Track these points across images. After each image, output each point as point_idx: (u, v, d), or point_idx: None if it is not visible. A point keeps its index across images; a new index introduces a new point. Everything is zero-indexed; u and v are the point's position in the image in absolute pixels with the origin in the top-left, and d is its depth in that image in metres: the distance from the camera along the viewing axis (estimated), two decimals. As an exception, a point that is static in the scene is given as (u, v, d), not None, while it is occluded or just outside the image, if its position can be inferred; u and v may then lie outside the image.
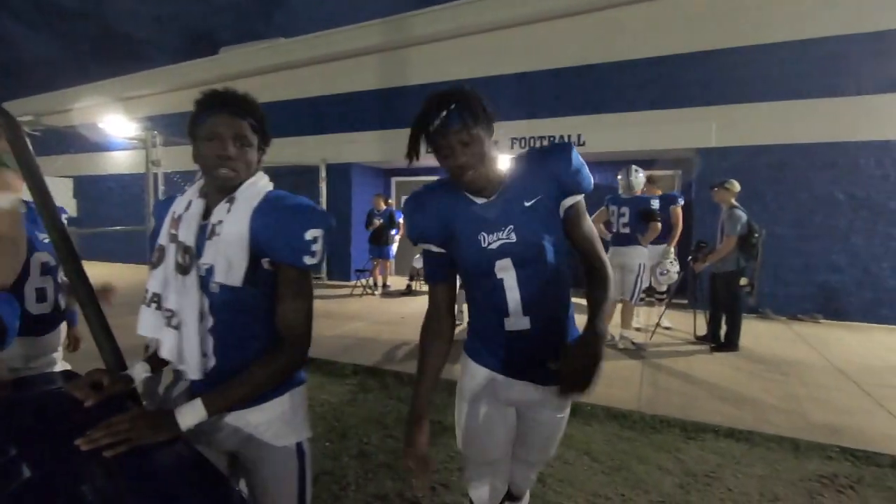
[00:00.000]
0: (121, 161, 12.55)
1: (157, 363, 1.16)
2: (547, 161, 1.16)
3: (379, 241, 8.00)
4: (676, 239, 5.41)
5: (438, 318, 1.28)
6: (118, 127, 11.36)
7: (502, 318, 1.21)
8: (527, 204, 1.15)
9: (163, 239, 1.11)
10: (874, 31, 5.97)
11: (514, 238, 1.16)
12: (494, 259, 1.17)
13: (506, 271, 1.17)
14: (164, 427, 0.92)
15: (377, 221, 7.97)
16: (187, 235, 1.06)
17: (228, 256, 1.02)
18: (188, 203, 1.11)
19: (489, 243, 1.17)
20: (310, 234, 1.02)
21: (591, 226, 1.22)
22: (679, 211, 5.45)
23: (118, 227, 6.49)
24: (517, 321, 1.20)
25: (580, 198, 1.18)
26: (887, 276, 6.05)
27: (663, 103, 6.92)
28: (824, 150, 6.25)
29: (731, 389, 3.69)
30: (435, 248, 1.25)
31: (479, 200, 1.19)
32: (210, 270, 1.03)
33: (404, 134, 1.12)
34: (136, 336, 1.13)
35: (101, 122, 10.95)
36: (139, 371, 1.13)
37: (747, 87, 6.47)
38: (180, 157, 7.14)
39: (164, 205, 1.19)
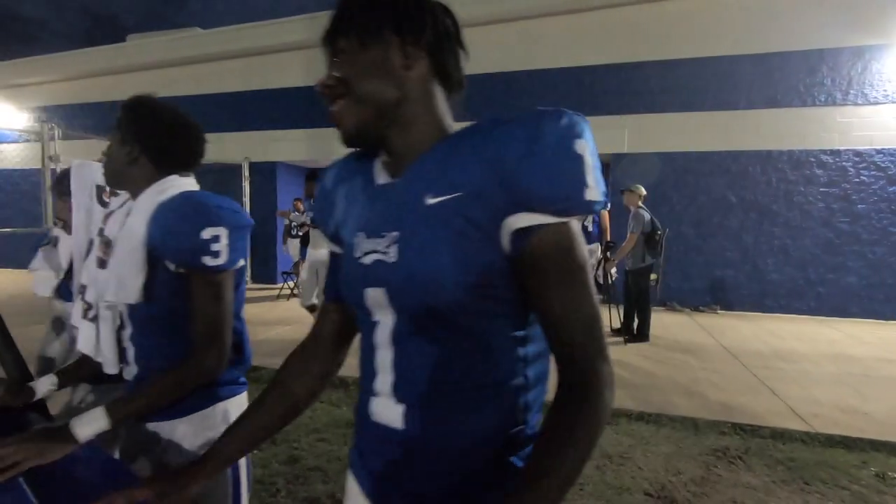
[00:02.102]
0: (9, 155, 11.26)
1: (66, 378, 1.12)
2: (496, 133, 0.59)
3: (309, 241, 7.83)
4: (607, 240, 5.95)
5: (307, 351, 0.81)
6: (5, 117, 10.20)
7: (369, 395, 0.69)
8: (430, 201, 0.61)
9: (94, 232, 1.14)
10: (759, 53, 6.73)
11: (392, 255, 0.63)
12: (364, 283, 0.66)
13: (382, 311, 0.65)
14: (56, 444, 0.88)
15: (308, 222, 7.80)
16: (113, 230, 1.06)
17: (120, 274, 0.98)
18: (124, 200, 1.12)
19: (363, 253, 0.67)
20: (207, 233, 0.96)
21: (585, 293, 0.59)
22: (606, 214, 5.99)
23: (10, 229, 5.81)
24: (385, 408, 0.66)
25: (553, 221, 0.57)
26: (771, 270, 6.85)
27: (580, 110, 7.33)
28: (719, 157, 6.95)
29: (642, 377, 4.03)
30: (329, 243, 0.80)
31: (381, 178, 0.70)
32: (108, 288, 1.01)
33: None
34: (33, 346, 1.09)
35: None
36: (44, 384, 1.08)
37: (655, 98, 7.05)
38: (82, 152, 6.56)
39: None
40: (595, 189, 0.58)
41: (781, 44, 6.65)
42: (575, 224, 0.60)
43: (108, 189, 1.52)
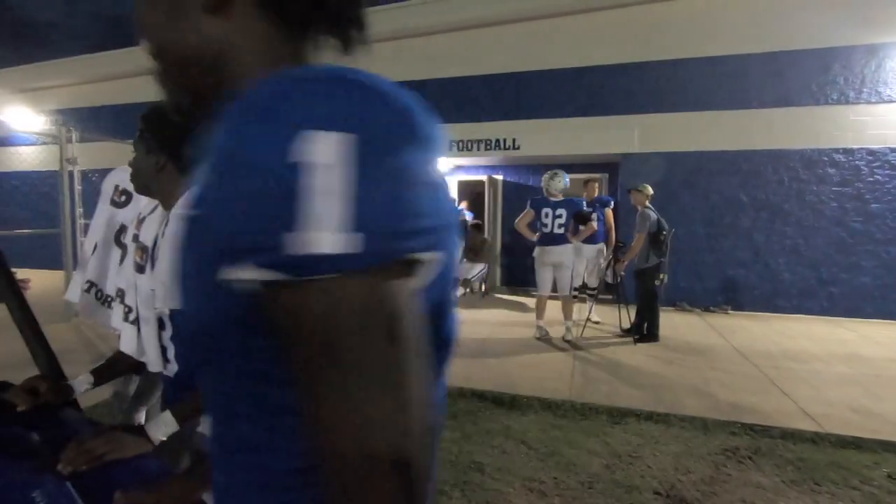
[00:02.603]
0: (27, 157, 11.48)
1: (101, 375, 1.18)
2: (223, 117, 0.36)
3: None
4: (614, 239, 5.94)
5: None
6: (23, 120, 10.39)
7: None
8: (186, 211, 0.40)
9: (128, 238, 1.22)
10: (769, 51, 6.68)
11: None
12: None
13: None
14: (135, 442, 0.95)
15: None
16: (147, 236, 1.12)
17: (167, 281, 1.06)
18: (154, 206, 1.17)
19: None
20: None
21: (351, 401, 0.33)
22: (611, 213, 6.00)
23: (27, 230, 5.94)
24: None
25: (277, 278, 0.32)
26: (783, 269, 6.79)
27: (590, 111, 7.36)
28: (730, 157, 6.91)
29: (651, 377, 4.03)
30: None
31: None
32: (153, 294, 1.09)
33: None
34: (54, 345, 1.15)
35: (0, 115, 10.00)
36: (81, 382, 1.14)
37: (664, 97, 7.03)
38: (98, 154, 6.68)
39: None
40: (320, 234, 0.31)
41: (793, 42, 6.60)
42: (358, 286, 0.33)
43: (118, 188, 1.59)
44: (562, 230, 5.00)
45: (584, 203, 5.35)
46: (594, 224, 5.36)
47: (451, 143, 8.16)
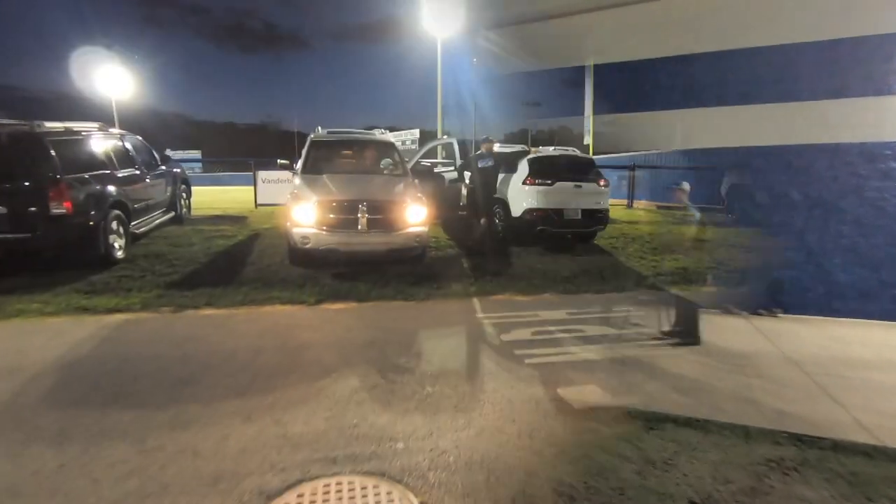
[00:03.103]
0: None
1: None
2: None
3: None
4: None
5: None
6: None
7: None
8: None
9: None
10: (826, 39, 6.30)
11: None
12: None
13: None
14: None
15: None
16: None
17: None
18: None
19: None
20: None
21: None
22: None
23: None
24: None
25: None
26: (838, 271, 6.39)
27: (630, 107, 7.17)
28: (780, 152, 6.57)
29: (690, 381, 3.88)
30: None
31: None
32: None
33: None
34: None
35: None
36: None
37: (707, 91, 6.76)
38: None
39: None
40: None
41: (851, 29, 6.19)
42: None
43: None
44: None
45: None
46: None
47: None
